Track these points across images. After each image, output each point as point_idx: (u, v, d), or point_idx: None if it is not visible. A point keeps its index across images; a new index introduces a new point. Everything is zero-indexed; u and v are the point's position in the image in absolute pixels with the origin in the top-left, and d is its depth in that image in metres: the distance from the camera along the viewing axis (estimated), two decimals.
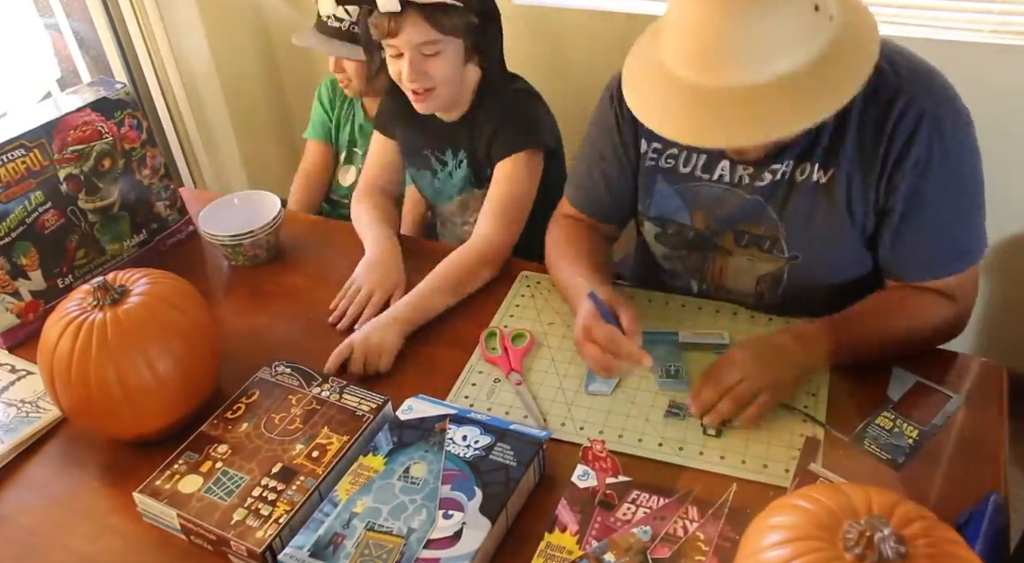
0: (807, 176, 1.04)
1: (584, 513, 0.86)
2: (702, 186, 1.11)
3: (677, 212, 1.14)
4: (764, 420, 0.97)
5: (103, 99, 1.28)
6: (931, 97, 0.98)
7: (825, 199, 1.04)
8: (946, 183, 1.00)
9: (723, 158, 1.08)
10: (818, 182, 1.04)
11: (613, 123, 1.15)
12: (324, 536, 0.85)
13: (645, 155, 1.14)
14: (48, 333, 0.98)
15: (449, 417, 0.97)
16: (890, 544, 0.61)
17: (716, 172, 1.09)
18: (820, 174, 1.03)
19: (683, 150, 1.11)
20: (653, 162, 1.13)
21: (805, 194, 1.05)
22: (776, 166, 1.05)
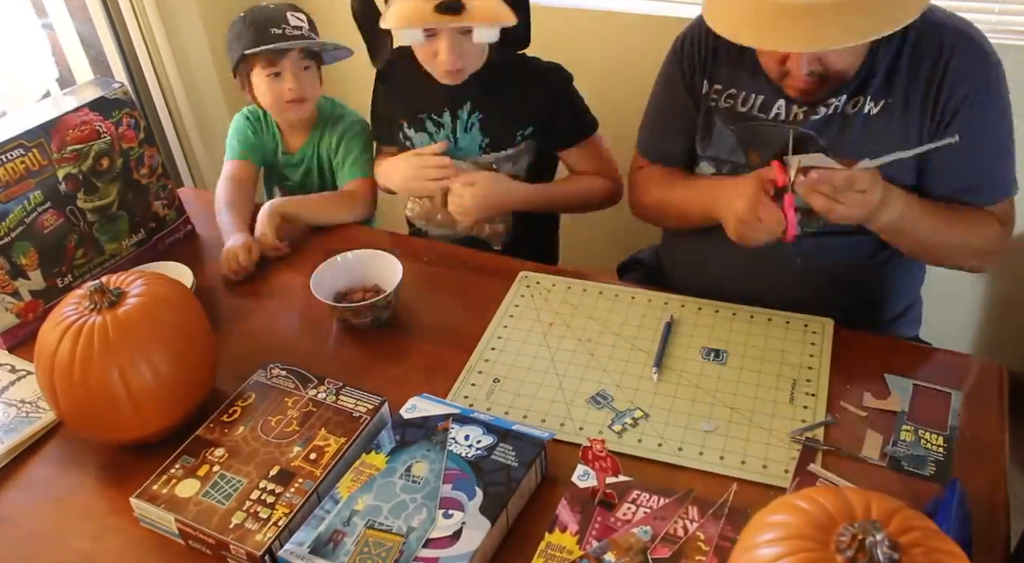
0: (859, 108, 1.10)
1: (584, 513, 0.86)
2: (759, 125, 1.17)
3: (733, 152, 1.20)
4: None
5: (101, 98, 1.28)
6: (981, 39, 1.09)
7: (877, 128, 1.10)
8: (993, 117, 1.10)
9: (780, 97, 1.14)
10: (870, 113, 1.10)
11: (678, 71, 1.24)
12: (324, 533, 0.85)
13: (707, 96, 1.21)
14: (46, 338, 0.98)
15: (452, 417, 0.97)
16: (883, 550, 0.61)
17: (772, 111, 1.15)
18: (872, 105, 1.10)
19: (743, 90, 1.17)
20: (713, 102, 1.20)
21: (858, 126, 1.11)
22: (831, 100, 1.11)
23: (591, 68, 1.89)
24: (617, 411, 1.02)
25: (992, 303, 1.84)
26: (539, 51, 1.40)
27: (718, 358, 1.09)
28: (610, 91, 1.43)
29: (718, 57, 1.20)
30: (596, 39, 1.87)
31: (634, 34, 1.79)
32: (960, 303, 1.84)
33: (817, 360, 1.08)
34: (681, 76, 1.24)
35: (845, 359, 1.07)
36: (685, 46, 1.23)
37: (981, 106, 1.08)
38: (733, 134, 1.19)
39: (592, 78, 1.74)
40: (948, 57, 1.06)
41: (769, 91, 1.15)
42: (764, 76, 1.14)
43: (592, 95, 1.46)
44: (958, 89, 1.06)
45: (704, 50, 1.21)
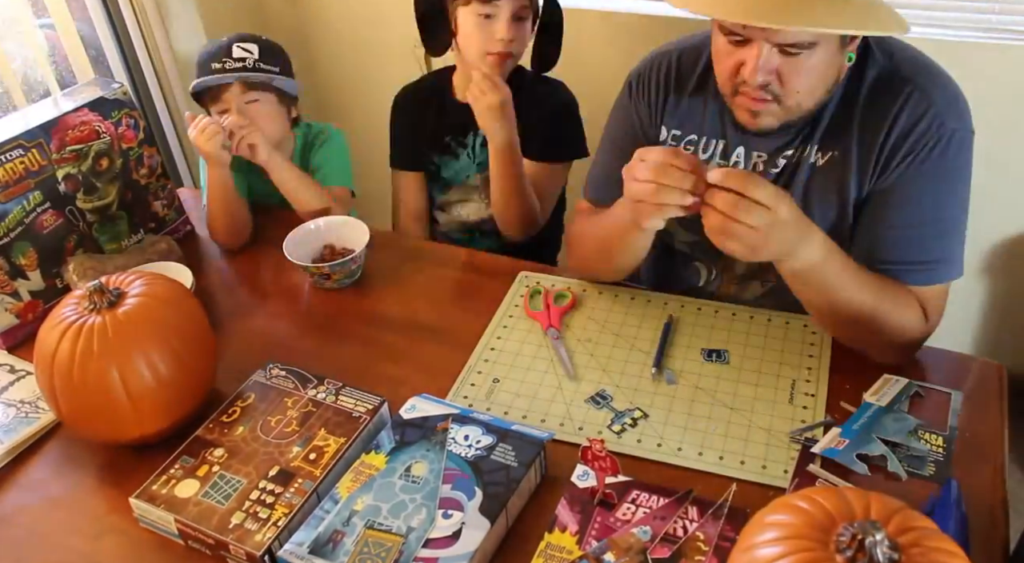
0: (806, 156, 1.06)
1: (584, 513, 0.86)
2: None
3: None
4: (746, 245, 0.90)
5: (100, 99, 1.28)
6: (943, 98, 1.00)
7: (820, 181, 1.05)
8: (935, 188, 1.00)
9: (739, 144, 1.10)
10: (816, 164, 1.05)
11: (633, 115, 1.18)
12: (324, 533, 0.85)
13: (664, 142, 1.16)
14: (46, 339, 0.98)
15: (452, 417, 0.97)
16: (882, 550, 0.60)
17: (732, 159, 1.11)
18: (819, 156, 1.05)
19: (702, 137, 1.13)
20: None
21: (803, 175, 1.07)
22: (788, 152, 1.07)
23: (591, 68, 1.90)
24: (616, 411, 1.02)
25: (992, 303, 1.84)
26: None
27: (720, 358, 1.09)
28: (610, 92, 1.43)
29: (674, 98, 1.13)
30: (596, 39, 1.87)
31: (634, 34, 1.79)
32: (960, 303, 1.84)
33: (817, 360, 1.08)
34: (636, 121, 1.17)
35: (845, 359, 1.07)
36: (642, 86, 1.16)
37: (926, 173, 0.99)
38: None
39: (592, 78, 1.74)
40: (898, 113, 0.99)
41: (728, 136, 1.10)
42: (721, 118, 1.09)
43: (592, 96, 1.46)
44: (900, 148, 0.99)
45: (660, 91, 1.15)
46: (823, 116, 1.04)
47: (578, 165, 1.48)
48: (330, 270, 1.25)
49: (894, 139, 0.99)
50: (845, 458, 0.91)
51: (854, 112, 1.02)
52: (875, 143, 1.01)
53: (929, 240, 1.01)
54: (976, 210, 1.05)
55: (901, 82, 1.00)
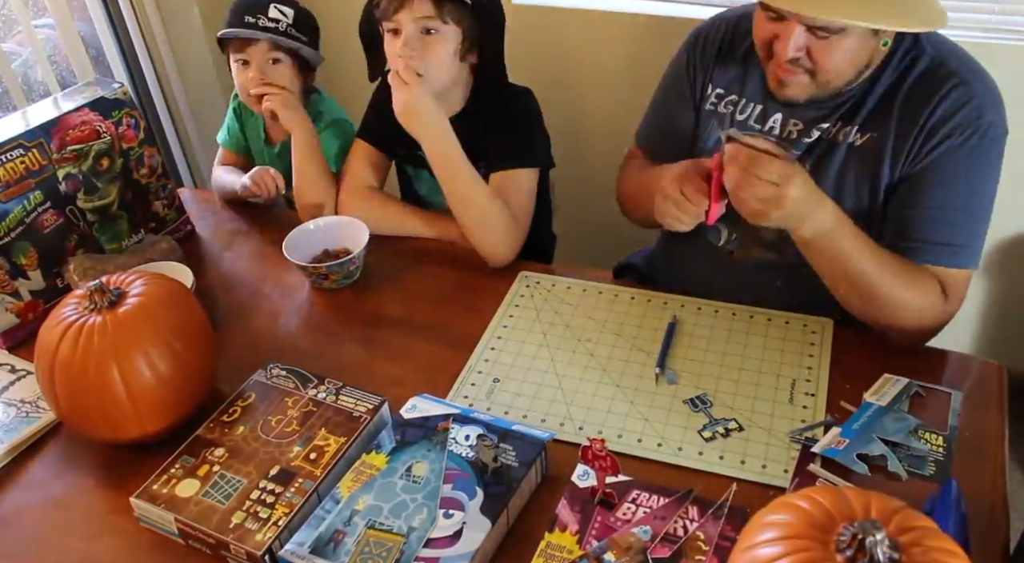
0: (845, 137, 1.08)
1: (584, 513, 0.86)
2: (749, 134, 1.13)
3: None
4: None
5: (101, 99, 1.28)
6: (985, 92, 1.04)
7: (856, 162, 1.08)
8: (967, 175, 1.03)
9: (777, 111, 1.13)
10: (854, 144, 1.08)
11: (685, 69, 1.23)
12: (325, 533, 0.85)
13: (707, 98, 1.20)
14: (46, 339, 0.98)
15: (452, 417, 0.97)
16: (883, 549, 0.61)
17: (768, 124, 1.14)
18: (857, 136, 1.08)
19: (742, 99, 1.17)
20: (713, 106, 1.20)
21: (840, 154, 1.09)
22: (824, 124, 1.09)
23: (595, 69, 1.90)
24: (712, 418, 1.01)
25: (992, 303, 1.84)
26: (542, 52, 1.40)
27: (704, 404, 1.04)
28: (614, 92, 1.43)
29: (725, 60, 1.19)
30: (600, 40, 1.87)
31: (639, 35, 1.79)
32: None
33: (816, 360, 1.08)
34: (687, 74, 1.23)
35: (844, 359, 1.07)
36: (698, 43, 1.23)
37: (960, 159, 1.02)
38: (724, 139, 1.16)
39: (596, 79, 1.74)
40: (940, 99, 1.02)
41: (768, 102, 1.14)
42: (764, 84, 1.12)
43: (596, 95, 1.46)
44: (938, 131, 1.02)
45: (713, 51, 1.21)
46: (867, 100, 1.07)
47: (578, 168, 1.47)
48: (327, 271, 1.25)
49: (932, 123, 1.02)
50: (845, 458, 0.91)
51: (896, 99, 1.05)
52: (914, 128, 1.04)
53: (958, 224, 1.04)
54: None
55: (946, 74, 1.03)
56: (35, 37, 1.89)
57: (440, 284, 1.30)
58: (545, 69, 1.70)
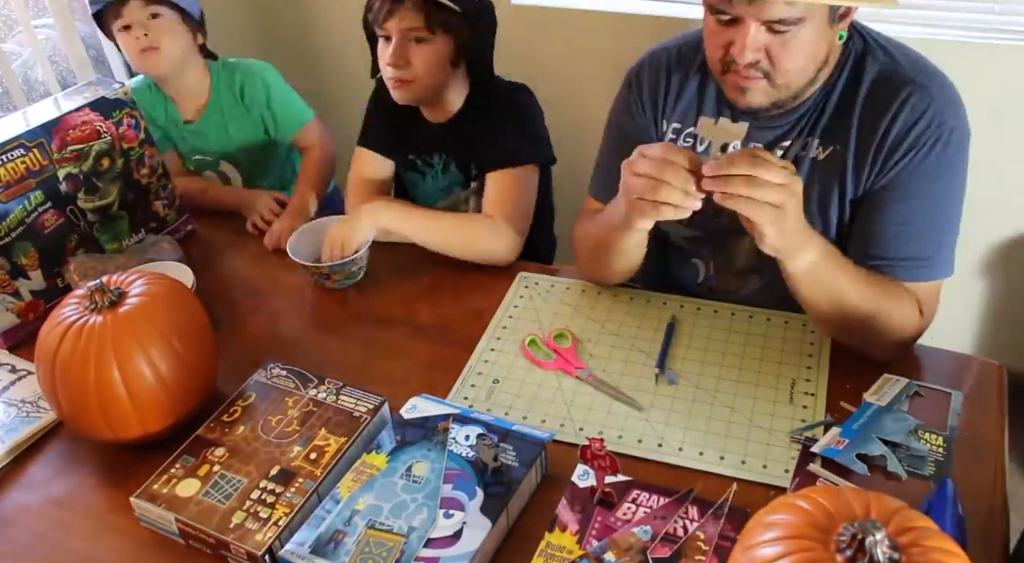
0: (807, 151, 1.06)
1: (584, 512, 0.86)
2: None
3: None
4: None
5: (102, 99, 1.28)
6: (942, 97, 1.01)
7: (821, 176, 1.06)
8: (932, 187, 1.01)
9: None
10: (816, 158, 1.06)
11: (634, 110, 1.18)
12: (325, 533, 0.85)
13: (664, 136, 1.16)
14: (47, 339, 0.98)
15: (452, 417, 0.97)
16: (883, 549, 0.61)
17: (730, 148, 1.10)
18: (819, 150, 1.06)
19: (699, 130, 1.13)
20: (673, 142, 1.15)
21: (804, 170, 1.06)
22: (786, 142, 1.07)
23: (595, 69, 1.90)
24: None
25: (992, 303, 1.84)
26: (542, 52, 1.40)
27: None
28: (614, 92, 1.43)
29: (676, 91, 1.15)
30: (600, 40, 1.88)
31: (638, 35, 1.79)
32: (960, 303, 1.84)
33: (816, 360, 1.08)
34: (635, 117, 1.18)
35: (845, 359, 1.07)
36: (640, 83, 1.17)
37: (924, 172, 1.00)
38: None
39: (595, 79, 1.74)
40: (898, 109, 1.00)
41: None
42: (719, 109, 1.10)
43: (596, 96, 1.46)
44: (900, 145, 1.00)
45: (661, 86, 1.15)
46: (825, 110, 1.05)
47: (579, 168, 1.47)
48: (330, 270, 1.25)
49: (893, 136, 1.00)
50: (845, 458, 0.91)
51: (854, 108, 1.03)
52: (873, 140, 1.01)
53: (926, 237, 1.02)
54: (975, 210, 1.05)
55: (901, 81, 1.01)
56: (35, 37, 1.90)
57: (440, 284, 1.30)
58: (545, 69, 1.70)
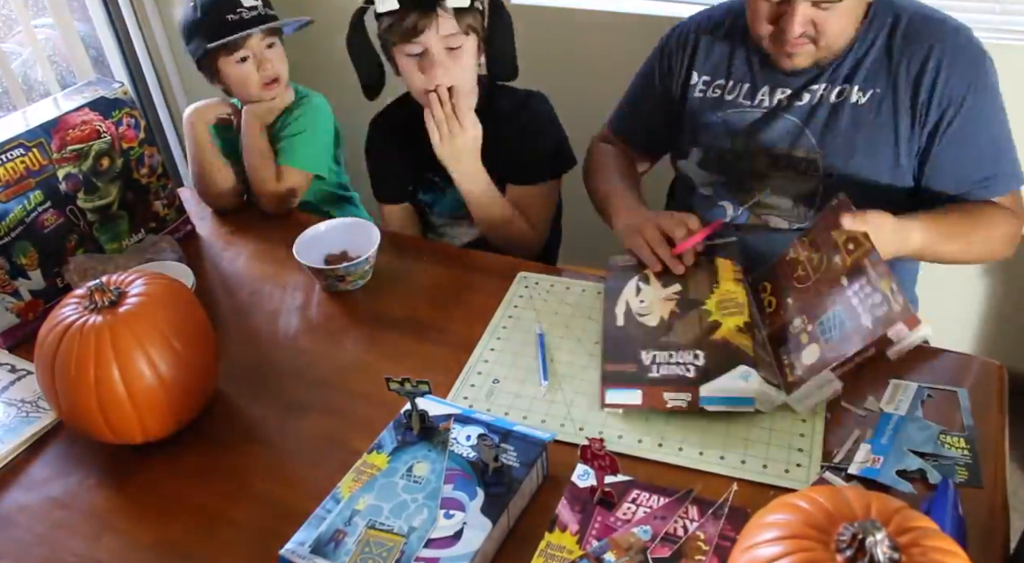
0: (846, 98, 1.14)
1: (584, 512, 0.86)
2: (745, 112, 1.21)
3: (721, 138, 1.24)
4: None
5: (101, 98, 1.28)
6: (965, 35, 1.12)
7: (866, 119, 1.13)
8: (993, 106, 1.12)
9: (764, 83, 1.20)
10: (857, 103, 1.13)
11: (660, 63, 1.31)
12: (326, 533, 0.85)
13: (695, 87, 1.26)
14: (47, 339, 0.97)
15: (454, 417, 0.97)
16: (883, 549, 0.61)
17: (757, 98, 1.20)
18: (860, 95, 1.13)
19: (729, 80, 1.23)
20: (702, 94, 1.26)
21: (845, 116, 1.14)
22: (814, 87, 1.15)
23: (595, 69, 1.90)
24: None
25: (992, 303, 1.84)
26: (542, 52, 1.40)
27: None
28: (614, 92, 1.43)
29: (705, 47, 1.26)
30: (600, 39, 1.88)
31: (639, 34, 1.79)
32: (960, 303, 1.84)
33: None
34: (661, 73, 1.31)
35: None
36: (670, 43, 1.30)
37: (978, 103, 1.10)
38: (722, 121, 1.23)
39: (596, 79, 1.74)
40: (940, 55, 1.09)
41: (755, 78, 1.20)
42: (749, 61, 1.20)
43: (596, 95, 1.46)
44: (954, 89, 1.09)
45: (689, 46, 1.27)
46: (863, 60, 1.13)
47: (577, 167, 1.47)
48: (344, 272, 1.24)
49: (945, 71, 1.09)
50: (886, 477, 0.88)
51: (892, 55, 1.12)
52: (921, 81, 1.10)
53: (1009, 150, 1.15)
54: None
55: (933, 26, 1.11)
56: (35, 37, 1.89)
57: (440, 284, 1.30)
58: (545, 69, 1.70)
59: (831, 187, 1.18)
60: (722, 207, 1.30)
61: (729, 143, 1.23)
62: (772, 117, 1.19)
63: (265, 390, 1.11)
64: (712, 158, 1.27)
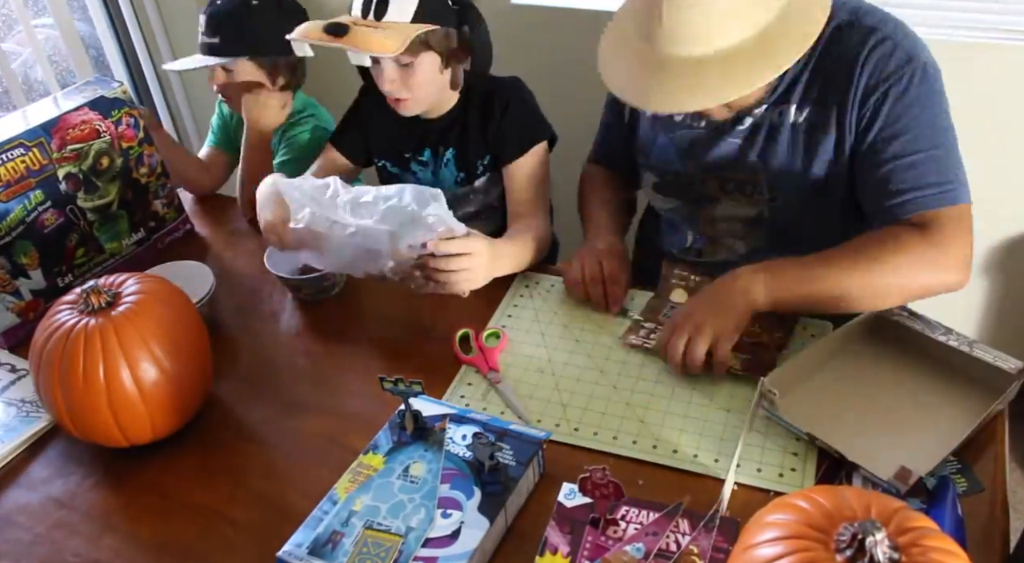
0: (784, 117, 1.11)
1: (574, 533, 0.84)
2: (692, 133, 1.19)
3: (672, 161, 1.23)
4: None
5: (101, 98, 1.29)
6: (904, 35, 1.04)
7: (804, 138, 1.10)
8: (924, 115, 1.03)
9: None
10: (795, 122, 1.10)
11: None
12: (323, 534, 0.85)
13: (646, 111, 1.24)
14: (48, 346, 0.96)
15: (449, 417, 0.97)
16: (883, 549, 0.60)
17: (703, 120, 1.17)
18: (797, 114, 1.10)
19: None
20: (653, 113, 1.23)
21: (784, 134, 1.11)
22: (757, 110, 1.12)
23: (595, 69, 1.89)
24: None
25: (992, 303, 1.84)
26: (542, 52, 1.40)
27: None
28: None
29: None
30: (597, 40, 1.87)
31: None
32: (960, 303, 1.84)
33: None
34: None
35: None
36: None
37: (910, 102, 1.03)
38: (672, 142, 1.22)
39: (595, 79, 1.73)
40: (867, 56, 1.03)
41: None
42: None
43: (595, 95, 1.45)
44: (877, 86, 1.03)
45: None
46: (799, 78, 1.09)
47: (578, 168, 1.47)
48: (300, 284, 1.24)
49: (866, 81, 1.04)
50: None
51: (825, 68, 1.07)
52: (849, 91, 1.05)
53: (937, 162, 1.03)
54: (976, 210, 1.05)
55: (864, 32, 1.04)
56: (35, 37, 1.90)
57: None
58: (545, 69, 1.70)
59: (776, 210, 1.17)
60: (684, 232, 1.29)
61: (681, 165, 1.21)
62: (716, 138, 1.16)
63: (264, 390, 1.11)
64: (666, 181, 1.26)
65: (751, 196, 1.17)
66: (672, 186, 1.25)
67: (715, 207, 1.22)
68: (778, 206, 1.16)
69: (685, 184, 1.23)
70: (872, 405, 0.98)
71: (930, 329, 1.02)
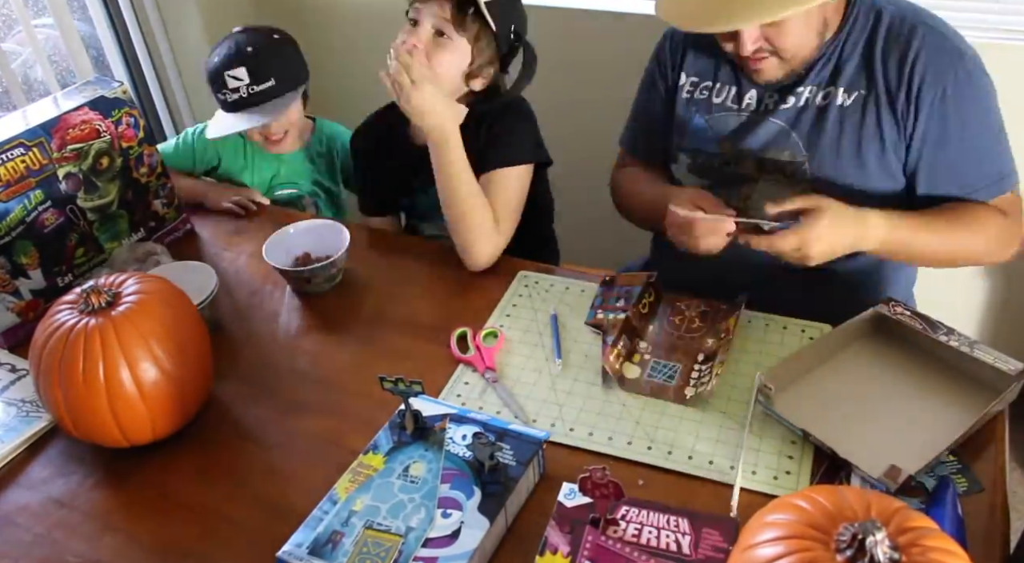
0: (831, 100, 1.13)
1: (574, 533, 0.84)
2: (731, 116, 1.21)
3: (708, 143, 1.23)
4: None
5: (101, 98, 1.28)
6: (954, 35, 1.11)
7: (852, 121, 1.12)
8: (978, 109, 1.10)
9: (751, 87, 1.19)
10: (843, 105, 1.12)
11: (657, 70, 1.31)
12: (323, 534, 0.85)
13: (683, 88, 1.26)
14: (47, 347, 0.96)
15: (449, 416, 0.97)
16: (883, 549, 0.60)
17: (744, 101, 1.20)
18: (844, 97, 1.12)
19: (716, 83, 1.23)
20: (689, 95, 1.25)
21: (831, 118, 1.13)
22: (800, 90, 1.14)
23: (595, 69, 1.90)
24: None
25: (992, 303, 1.84)
26: (542, 52, 1.39)
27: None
28: (615, 92, 1.43)
29: (694, 51, 1.25)
30: (601, 40, 1.87)
31: (638, 34, 1.79)
32: (961, 303, 1.84)
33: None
34: (660, 75, 1.30)
35: None
36: (664, 45, 1.30)
37: (956, 101, 1.08)
38: (708, 125, 1.23)
39: (596, 79, 1.74)
40: (916, 51, 1.08)
41: (741, 82, 1.20)
42: (733, 68, 1.20)
43: (597, 95, 1.46)
44: (929, 85, 1.08)
45: (681, 46, 1.27)
46: (847, 62, 1.12)
47: (579, 168, 1.47)
48: (310, 274, 1.24)
49: (919, 75, 1.08)
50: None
51: (875, 56, 1.10)
52: (901, 82, 1.09)
53: (996, 153, 1.13)
54: None
55: (912, 26, 1.09)
56: (35, 37, 1.89)
57: (439, 284, 1.30)
58: (545, 69, 1.70)
59: (819, 191, 1.15)
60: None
61: (716, 148, 1.23)
62: (758, 121, 1.18)
63: (264, 390, 1.11)
64: (700, 163, 1.26)
65: (792, 177, 1.18)
66: (706, 167, 1.26)
67: (753, 186, 1.22)
68: (821, 187, 1.16)
69: (720, 165, 1.24)
70: (870, 404, 0.98)
71: (932, 329, 1.02)
